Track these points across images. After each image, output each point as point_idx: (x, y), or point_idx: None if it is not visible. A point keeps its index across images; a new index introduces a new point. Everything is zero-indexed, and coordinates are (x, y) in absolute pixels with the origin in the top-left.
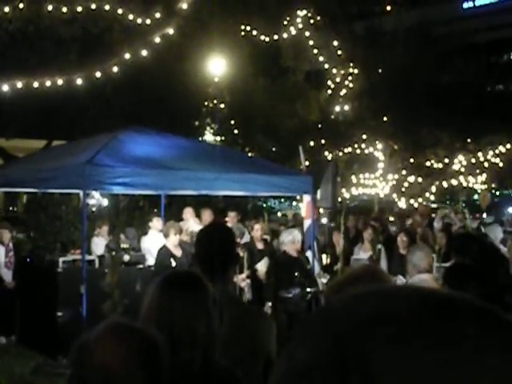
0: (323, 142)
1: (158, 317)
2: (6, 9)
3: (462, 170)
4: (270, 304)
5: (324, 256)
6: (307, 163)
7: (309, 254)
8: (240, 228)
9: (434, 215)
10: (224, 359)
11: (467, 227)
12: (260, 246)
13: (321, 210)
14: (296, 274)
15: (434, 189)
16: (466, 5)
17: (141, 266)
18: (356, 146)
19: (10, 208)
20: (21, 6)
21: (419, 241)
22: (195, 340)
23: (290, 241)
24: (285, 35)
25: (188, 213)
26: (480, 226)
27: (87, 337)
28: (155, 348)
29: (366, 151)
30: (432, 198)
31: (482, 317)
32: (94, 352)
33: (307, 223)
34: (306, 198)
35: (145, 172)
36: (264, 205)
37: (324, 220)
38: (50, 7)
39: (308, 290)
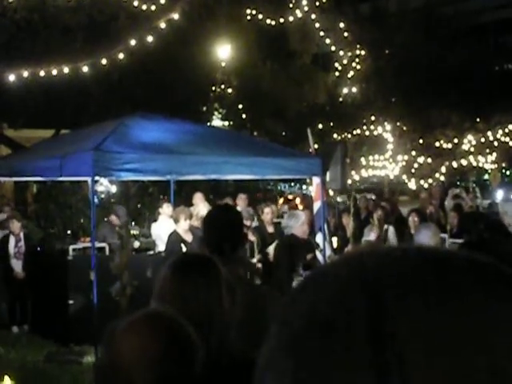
0: (331, 124)
1: (171, 301)
2: None
3: (472, 149)
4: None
5: (335, 239)
6: (316, 146)
7: (319, 236)
8: (249, 211)
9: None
10: (238, 341)
11: (479, 207)
12: (271, 229)
13: (330, 192)
14: (308, 256)
15: (443, 169)
16: None
17: (151, 252)
18: (365, 127)
19: (20, 198)
20: None
21: (429, 220)
22: (211, 324)
23: (299, 224)
24: (291, 18)
25: (198, 198)
26: (493, 204)
27: (119, 323)
28: (186, 342)
29: (375, 133)
30: (442, 178)
31: (482, 270)
32: (119, 340)
33: (317, 205)
34: (316, 180)
35: (153, 157)
36: (274, 188)
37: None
38: None
39: None
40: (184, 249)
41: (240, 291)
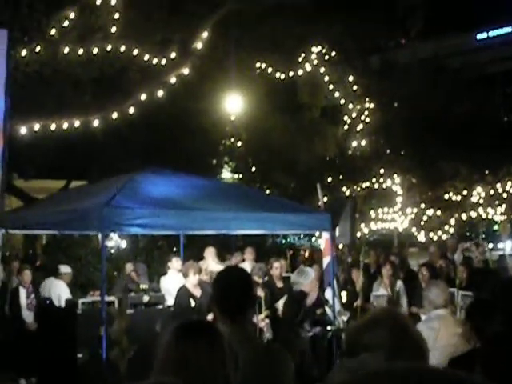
0: (341, 177)
1: (176, 369)
2: (23, 52)
3: (481, 201)
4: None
5: (344, 293)
6: (325, 199)
7: (329, 291)
8: (262, 268)
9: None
10: None
11: (488, 261)
12: (280, 284)
13: (339, 246)
14: (317, 311)
15: (453, 221)
16: (479, 36)
17: (160, 307)
18: (374, 180)
19: (30, 250)
20: (37, 49)
21: (439, 274)
22: None
23: (309, 282)
24: (300, 72)
25: (209, 252)
26: (502, 257)
27: None
28: None
29: (384, 185)
30: (451, 230)
31: None
32: None
33: (326, 260)
34: (325, 235)
35: (163, 213)
36: (283, 241)
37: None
38: (66, 49)
39: (329, 328)
40: (193, 304)
41: (245, 350)
